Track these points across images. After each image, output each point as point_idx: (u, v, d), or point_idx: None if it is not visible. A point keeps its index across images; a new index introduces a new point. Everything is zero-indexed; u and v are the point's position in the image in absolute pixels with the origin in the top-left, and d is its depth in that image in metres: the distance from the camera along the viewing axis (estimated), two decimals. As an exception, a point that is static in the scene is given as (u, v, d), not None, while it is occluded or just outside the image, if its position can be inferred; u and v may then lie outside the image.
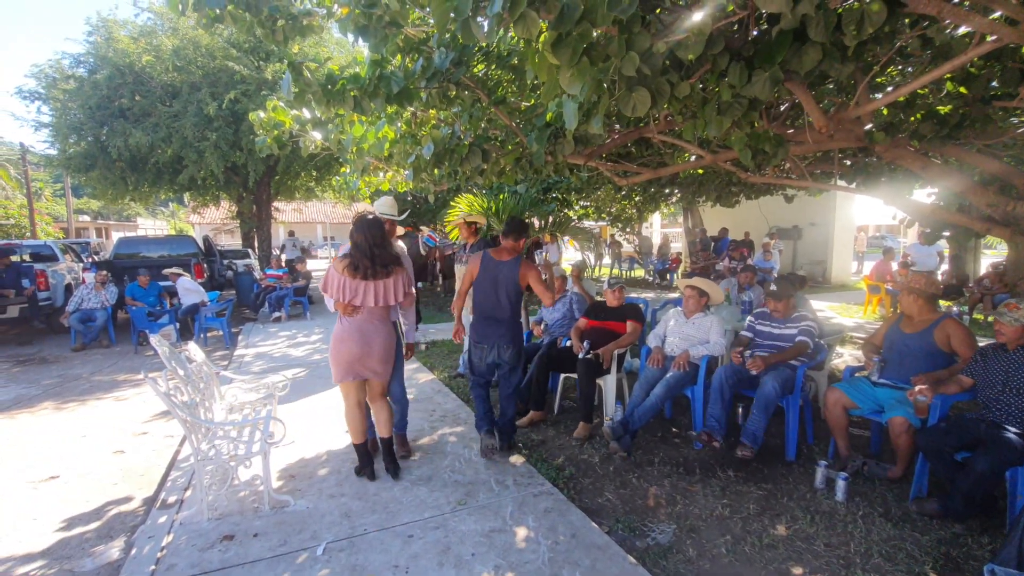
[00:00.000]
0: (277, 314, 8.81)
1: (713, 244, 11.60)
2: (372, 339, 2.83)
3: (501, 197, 5.45)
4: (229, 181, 12.33)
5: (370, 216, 2.83)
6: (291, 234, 13.90)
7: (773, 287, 3.54)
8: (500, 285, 3.21)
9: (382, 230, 2.79)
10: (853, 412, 3.09)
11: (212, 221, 25.75)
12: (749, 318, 3.68)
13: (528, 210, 5.81)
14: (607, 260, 17.14)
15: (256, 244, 14.24)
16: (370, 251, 2.75)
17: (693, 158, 4.49)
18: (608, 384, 3.79)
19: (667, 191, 8.15)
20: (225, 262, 13.03)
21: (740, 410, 3.73)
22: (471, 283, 3.29)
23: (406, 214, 3.54)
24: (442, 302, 10.50)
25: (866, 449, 3.35)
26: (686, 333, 3.67)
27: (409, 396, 4.52)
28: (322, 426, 3.92)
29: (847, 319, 8.18)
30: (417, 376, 5.23)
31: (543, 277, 3.30)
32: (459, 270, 4.78)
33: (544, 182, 7.90)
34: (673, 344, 3.69)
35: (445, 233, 9.73)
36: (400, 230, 3.59)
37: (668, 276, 13.67)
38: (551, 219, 5.96)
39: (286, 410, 4.19)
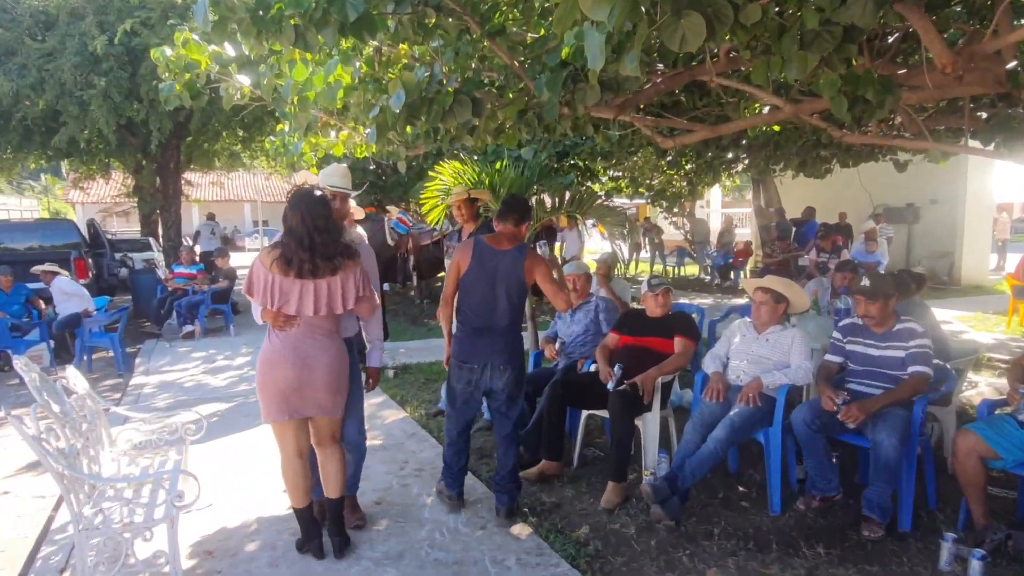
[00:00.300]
0: (189, 328, 8.85)
1: (795, 230, 11.60)
2: (314, 362, 2.81)
3: (499, 166, 5.45)
4: (123, 144, 12.38)
5: (312, 189, 2.82)
6: (210, 217, 13.98)
7: (865, 281, 3.50)
8: (500, 282, 3.22)
9: (327, 209, 2.78)
10: (993, 464, 3.07)
11: (100, 199, 25.88)
12: (835, 334, 3.66)
13: (536, 183, 5.81)
14: (646, 253, 17.18)
15: (160, 231, 14.30)
16: (308, 238, 2.71)
17: (767, 110, 4.47)
18: (649, 425, 3.79)
19: (730, 156, 8.14)
20: (118, 256, 13.09)
21: (833, 460, 3.72)
22: (458, 280, 3.31)
23: (364, 187, 3.55)
24: (416, 311, 10.53)
25: (1011, 516, 3.33)
26: (758, 354, 3.67)
27: (372, 442, 4.54)
28: (251, 482, 3.93)
29: (983, 334, 8.16)
30: (383, 414, 5.23)
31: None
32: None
33: (559, 145, 7.91)
34: (739, 369, 3.69)
35: (421, 215, 9.75)
36: (359, 211, 3.60)
37: (732, 274, 13.69)
38: (568, 196, 5.96)
39: (201, 460, 4.20)
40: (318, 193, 2.83)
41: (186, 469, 3.26)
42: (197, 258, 10.29)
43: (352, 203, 3.40)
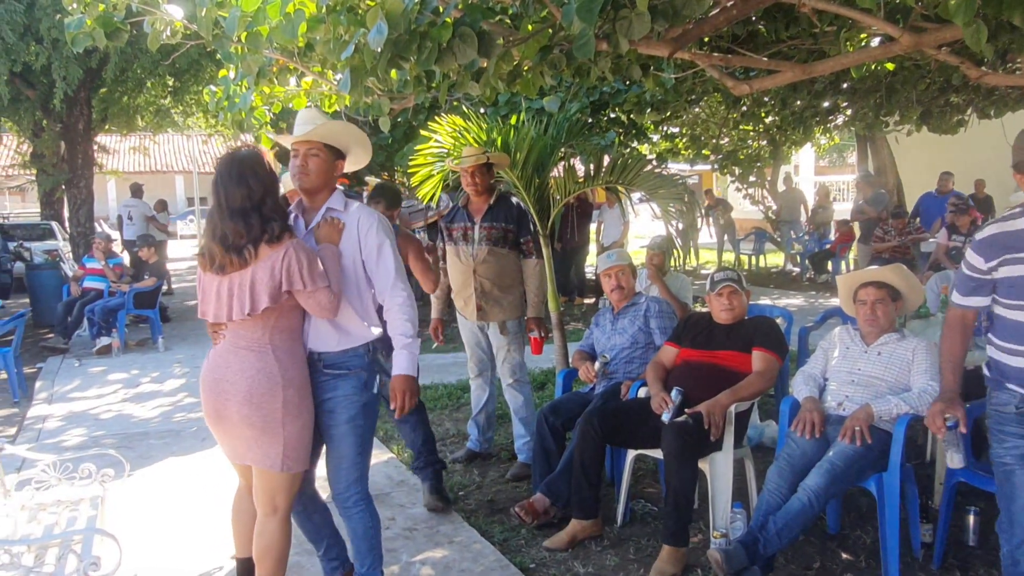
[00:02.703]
0: (105, 340, 8.93)
1: (919, 204, 11.45)
2: (228, 385, 2.81)
3: (514, 121, 5.44)
4: (18, 98, 12.51)
5: (238, 152, 2.84)
6: (137, 192, 13.99)
7: None
8: None
9: (248, 182, 2.76)
10: None
11: (-12, 172, 26.23)
12: (970, 258, 2.78)
13: (564, 144, 5.79)
14: (711, 236, 17.08)
15: (66, 212, 14.43)
16: (220, 224, 2.76)
17: (876, 42, 4.41)
18: (719, 470, 3.77)
19: (826, 105, 8.06)
20: (12, 245, 13.25)
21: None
22: None
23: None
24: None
25: None
26: (867, 373, 3.64)
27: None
28: (189, 542, 3.95)
29: None
30: (362, 454, 5.25)
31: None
32: (452, 255, 4.82)
33: (594, 93, 7.86)
34: (841, 394, 3.66)
35: (410, 189, 9.75)
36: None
37: (829, 265, 13.57)
38: (607, 161, 5.93)
39: (124, 515, 4.23)
40: (239, 152, 2.83)
41: (103, 527, 3.29)
42: (114, 249, 10.38)
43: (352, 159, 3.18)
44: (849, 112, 8.43)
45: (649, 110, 8.30)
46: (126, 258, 11.16)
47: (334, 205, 3.03)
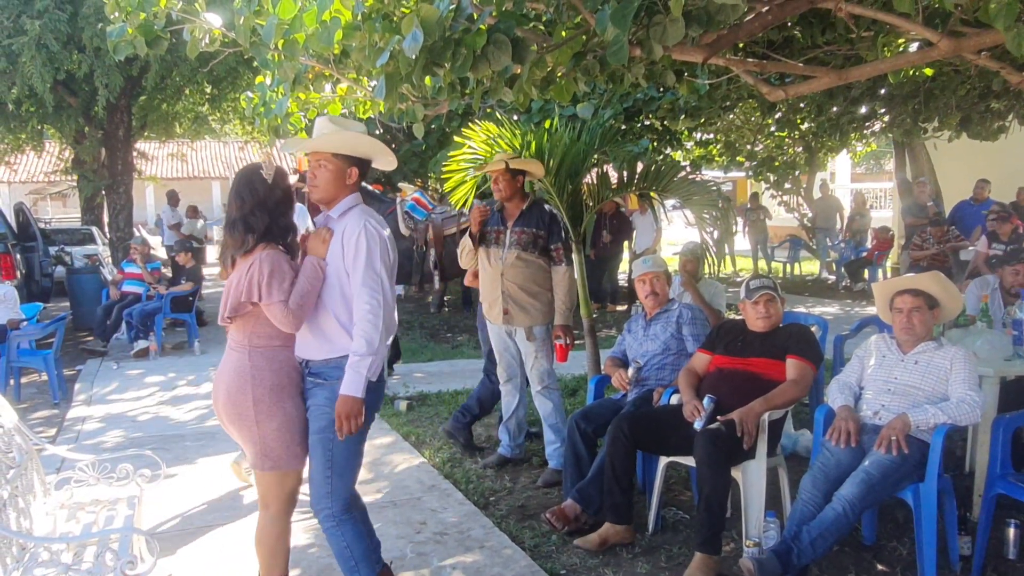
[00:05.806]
0: (142, 344, 9.06)
1: (955, 212, 11.26)
2: (217, 378, 3.08)
3: (548, 125, 5.45)
4: (61, 105, 12.78)
5: (247, 165, 3.09)
6: (173, 200, 14.23)
7: None
8: None
9: (241, 196, 2.94)
10: None
11: (30, 177, 26.79)
12: None
13: (598, 151, 5.79)
14: (744, 242, 16.96)
15: (106, 218, 14.70)
16: (224, 228, 3.06)
17: (914, 47, 4.36)
18: (752, 478, 3.75)
19: (863, 111, 7.98)
20: (53, 250, 13.50)
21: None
22: None
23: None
24: (437, 322, 10.56)
25: None
26: (903, 382, 3.60)
27: (376, 496, 4.59)
28: (223, 544, 3.99)
29: None
30: (392, 459, 5.28)
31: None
32: (482, 258, 4.85)
33: (627, 99, 7.86)
34: (877, 403, 3.62)
35: (442, 195, 9.81)
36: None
37: (866, 273, 13.39)
38: (641, 168, 5.92)
39: (159, 515, 4.30)
40: (246, 169, 3.03)
41: (140, 527, 3.34)
42: (151, 253, 10.51)
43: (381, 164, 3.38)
44: (887, 118, 8.35)
45: (683, 116, 8.29)
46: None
47: (332, 213, 3.05)
